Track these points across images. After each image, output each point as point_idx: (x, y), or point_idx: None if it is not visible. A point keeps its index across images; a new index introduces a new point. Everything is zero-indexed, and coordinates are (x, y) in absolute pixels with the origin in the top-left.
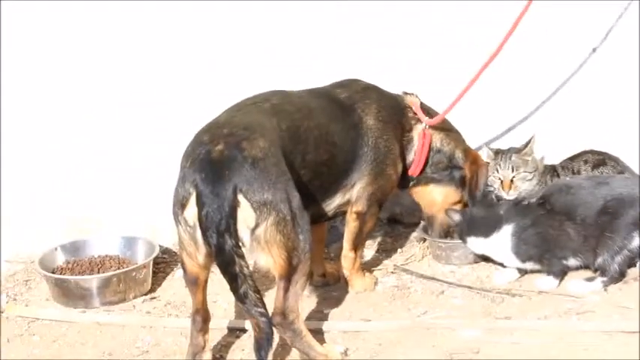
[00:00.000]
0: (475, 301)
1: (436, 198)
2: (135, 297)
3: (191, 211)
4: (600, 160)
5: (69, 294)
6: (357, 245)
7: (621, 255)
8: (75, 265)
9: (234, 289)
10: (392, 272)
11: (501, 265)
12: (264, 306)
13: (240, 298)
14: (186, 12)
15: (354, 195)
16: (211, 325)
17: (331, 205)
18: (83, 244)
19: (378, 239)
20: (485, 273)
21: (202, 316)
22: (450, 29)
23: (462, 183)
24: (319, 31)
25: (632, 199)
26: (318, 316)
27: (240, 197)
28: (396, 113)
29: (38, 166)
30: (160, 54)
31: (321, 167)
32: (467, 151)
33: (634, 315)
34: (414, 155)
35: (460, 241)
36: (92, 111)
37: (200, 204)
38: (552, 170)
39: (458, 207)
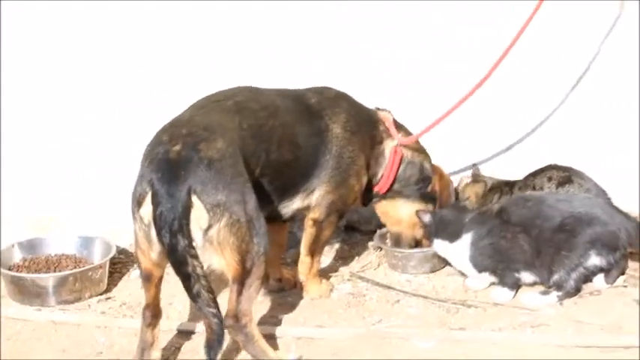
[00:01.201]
0: (430, 311)
1: (403, 214)
2: (90, 296)
3: (146, 210)
4: (566, 177)
5: (25, 292)
6: (314, 251)
7: (577, 272)
8: (32, 263)
9: (187, 288)
10: (348, 279)
11: (461, 273)
12: (216, 306)
13: (193, 297)
14: (185, 12)
15: (313, 201)
16: (166, 327)
17: (290, 207)
18: (40, 242)
19: (335, 246)
20: (441, 283)
21: (152, 312)
22: (450, 29)
23: (430, 198)
24: (319, 31)
25: (589, 217)
26: (273, 321)
27: (194, 198)
28: (366, 126)
29: None
30: (151, 54)
31: (284, 167)
32: (434, 166)
33: (589, 329)
34: (384, 171)
35: (417, 250)
36: (53, 111)
37: (155, 203)
38: (505, 187)
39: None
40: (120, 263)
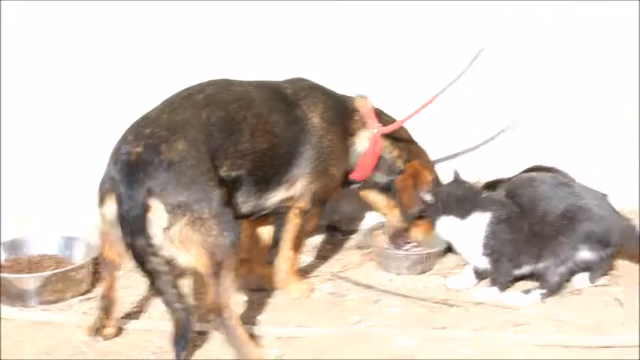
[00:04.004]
0: (411, 310)
1: (378, 201)
2: (73, 297)
3: (109, 209)
4: None
5: (7, 292)
6: (297, 245)
7: (565, 266)
8: (14, 263)
9: (151, 284)
10: (329, 279)
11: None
12: (182, 301)
13: (158, 293)
14: (185, 11)
15: (297, 192)
16: (149, 327)
17: (274, 199)
18: (22, 242)
19: (317, 246)
20: (423, 282)
21: (109, 301)
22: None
23: (393, 193)
24: (319, 31)
25: (589, 209)
26: (253, 321)
27: (154, 200)
28: (343, 115)
29: None
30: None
31: (262, 157)
32: (407, 163)
33: (570, 328)
34: (362, 159)
35: (412, 252)
36: (34, 110)
37: (117, 204)
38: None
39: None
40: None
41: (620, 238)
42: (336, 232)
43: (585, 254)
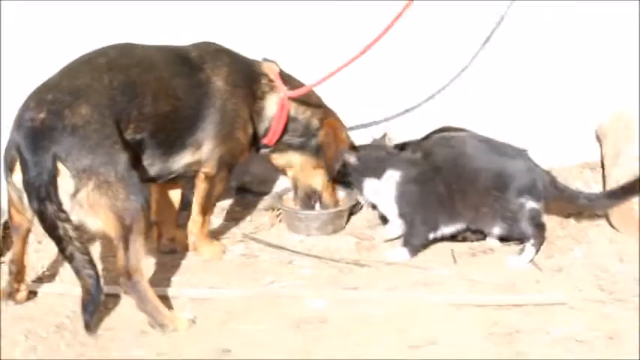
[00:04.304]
0: (323, 271)
1: (294, 163)
2: None
3: (16, 176)
4: None
5: None
6: (206, 209)
7: (523, 215)
8: None
9: (61, 250)
10: (240, 241)
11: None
12: (92, 267)
13: (67, 259)
14: (185, 11)
15: (203, 156)
16: (63, 290)
17: (180, 162)
18: None
19: (227, 208)
20: (335, 243)
21: (16, 267)
22: None
23: (317, 150)
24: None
25: (516, 163)
26: (166, 283)
27: (60, 165)
28: (249, 78)
29: None
30: None
31: (164, 120)
32: (324, 121)
33: (482, 288)
34: (271, 123)
35: (322, 212)
36: None
37: (23, 171)
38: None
39: (318, 172)
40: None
41: (546, 190)
42: (247, 194)
43: (533, 204)
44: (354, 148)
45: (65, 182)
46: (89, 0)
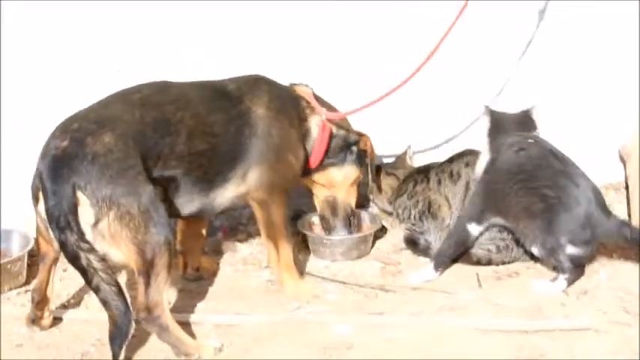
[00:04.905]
0: (349, 296)
1: (336, 180)
2: (10, 289)
3: (41, 205)
4: None
5: None
6: (274, 237)
7: None
8: None
9: (86, 281)
10: (265, 267)
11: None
12: (120, 298)
13: (94, 290)
14: (186, 11)
15: (250, 185)
16: (88, 317)
17: (224, 196)
18: None
19: (253, 234)
20: (360, 268)
21: (39, 295)
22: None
23: (358, 160)
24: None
25: None
26: (191, 309)
27: (79, 194)
28: (290, 103)
29: None
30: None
31: (199, 158)
32: (359, 132)
33: (508, 312)
34: (314, 146)
35: (346, 237)
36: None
37: (44, 200)
38: (419, 175)
39: (354, 190)
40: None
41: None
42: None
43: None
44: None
45: (85, 212)
46: (89, 0)
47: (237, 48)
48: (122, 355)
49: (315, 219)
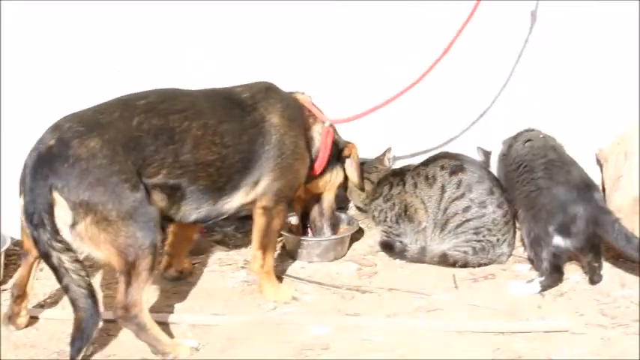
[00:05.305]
0: (325, 297)
1: (332, 183)
2: None
3: (21, 199)
4: (458, 165)
5: None
6: (265, 245)
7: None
8: None
9: (57, 279)
10: (242, 267)
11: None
12: (88, 302)
13: (64, 289)
14: (186, 12)
15: (259, 192)
16: (65, 316)
17: (232, 204)
18: None
19: (228, 234)
20: (336, 269)
21: (19, 291)
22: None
23: (343, 165)
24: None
25: None
26: (168, 309)
27: (56, 195)
28: (298, 112)
29: None
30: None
31: (207, 168)
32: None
33: (483, 314)
34: (318, 154)
35: (324, 238)
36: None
37: (22, 195)
38: (394, 178)
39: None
40: (15, 255)
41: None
42: (248, 220)
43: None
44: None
45: (62, 213)
46: (89, 0)
47: (237, 48)
48: (80, 357)
49: (293, 220)
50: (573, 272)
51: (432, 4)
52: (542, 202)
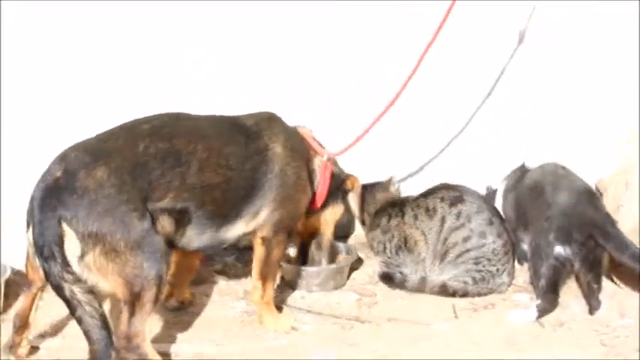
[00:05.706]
0: (325, 327)
1: (328, 218)
2: None
3: (29, 232)
4: (457, 197)
5: None
6: (265, 275)
7: None
8: None
9: (70, 311)
10: (242, 298)
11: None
12: (101, 333)
13: (77, 321)
14: (186, 12)
15: (260, 221)
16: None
17: (233, 232)
18: None
19: (228, 265)
20: (336, 299)
21: (21, 321)
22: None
23: (344, 198)
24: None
25: None
26: (169, 339)
27: (65, 227)
28: (300, 144)
29: None
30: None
31: (213, 191)
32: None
33: (483, 344)
34: (317, 187)
35: (323, 267)
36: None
37: (32, 227)
38: (392, 209)
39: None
40: (15, 284)
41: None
42: (248, 250)
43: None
44: None
45: (71, 244)
46: (89, 0)
47: (237, 48)
48: None
49: (291, 250)
50: (573, 298)
51: (431, 7)
52: (546, 213)
